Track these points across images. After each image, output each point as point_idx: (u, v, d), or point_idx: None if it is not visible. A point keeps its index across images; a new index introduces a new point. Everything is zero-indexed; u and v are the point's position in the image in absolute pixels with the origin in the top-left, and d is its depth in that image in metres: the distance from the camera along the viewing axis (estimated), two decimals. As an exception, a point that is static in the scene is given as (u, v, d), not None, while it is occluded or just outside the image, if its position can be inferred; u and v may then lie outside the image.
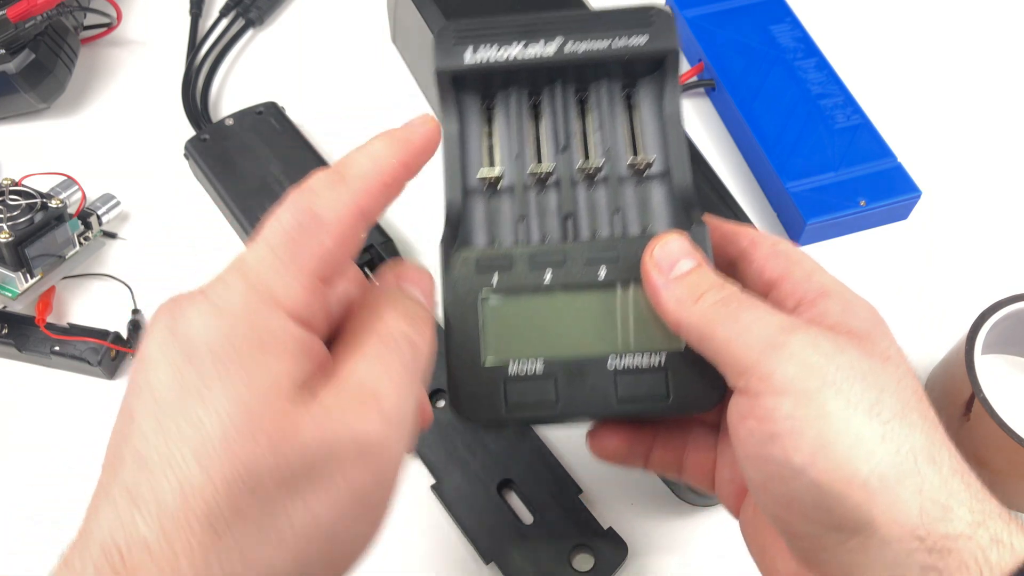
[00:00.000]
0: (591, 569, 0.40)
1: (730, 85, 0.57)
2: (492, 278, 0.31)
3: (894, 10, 0.64)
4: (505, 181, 0.33)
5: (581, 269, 0.30)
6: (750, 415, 0.25)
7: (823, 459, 0.24)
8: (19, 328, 0.48)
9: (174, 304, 0.23)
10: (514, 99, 0.33)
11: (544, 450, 0.44)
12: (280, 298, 0.23)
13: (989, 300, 0.43)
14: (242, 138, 0.54)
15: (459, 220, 0.32)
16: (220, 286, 0.23)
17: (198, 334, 0.22)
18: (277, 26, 0.65)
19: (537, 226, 0.32)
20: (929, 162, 0.55)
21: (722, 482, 0.31)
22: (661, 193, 0.32)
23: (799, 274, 0.29)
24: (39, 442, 0.46)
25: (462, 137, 0.33)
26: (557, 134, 0.33)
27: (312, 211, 0.24)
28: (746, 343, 0.25)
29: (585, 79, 0.33)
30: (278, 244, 0.23)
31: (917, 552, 0.23)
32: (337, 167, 0.25)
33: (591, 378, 0.30)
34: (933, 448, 0.24)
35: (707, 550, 0.42)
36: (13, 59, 0.54)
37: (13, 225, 0.46)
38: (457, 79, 0.32)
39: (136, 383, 0.22)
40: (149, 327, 0.23)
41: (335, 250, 0.24)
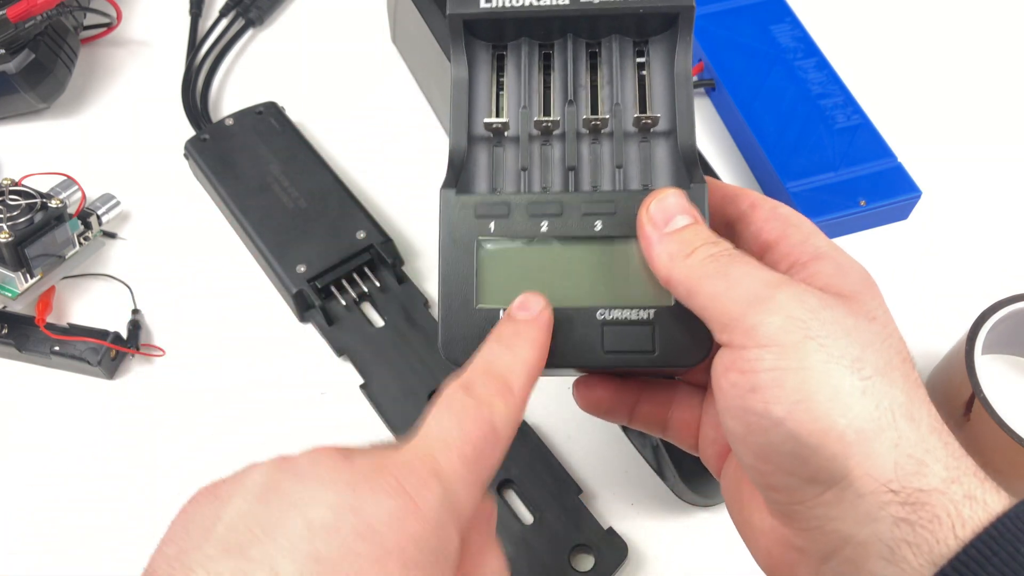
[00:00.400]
0: (591, 569, 0.40)
1: (730, 85, 0.57)
2: (489, 224, 0.31)
3: (894, 10, 0.64)
4: (510, 130, 0.33)
5: (577, 221, 0.30)
6: (733, 367, 0.25)
7: (802, 411, 0.24)
8: (19, 328, 0.48)
9: (359, 480, 0.23)
10: (525, 49, 0.33)
11: (544, 450, 0.44)
12: (462, 514, 0.24)
13: (989, 300, 0.43)
14: (242, 138, 0.54)
15: (462, 165, 0.32)
16: (415, 481, 0.23)
17: (388, 527, 0.22)
18: (277, 26, 0.65)
19: (539, 177, 0.32)
20: (929, 162, 0.55)
21: (705, 441, 0.31)
22: (664, 150, 0.32)
23: (796, 237, 0.29)
24: (39, 442, 0.46)
25: (471, 83, 0.33)
26: (566, 86, 0.33)
27: (494, 426, 0.25)
28: (732, 297, 0.26)
29: (597, 32, 0.33)
30: (471, 458, 0.24)
31: (890, 504, 0.23)
32: (500, 373, 0.26)
33: (579, 328, 0.30)
34: (912, 406, 0.24)
35: (707, 550, 0.42)
36: (13, 59, 0.54)
37: (13, 225, 0.46)
38: (469, 24, 0.32)
39: (292, 538, 0.21)
40: (314, 490, 0.22)
41: (499, 464, 0.25)
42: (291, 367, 0.48)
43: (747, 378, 0.25)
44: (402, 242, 0.52)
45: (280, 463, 0.24)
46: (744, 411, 0.25)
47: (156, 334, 0.50)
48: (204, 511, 0.23)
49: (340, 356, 0.48)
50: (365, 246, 0.49)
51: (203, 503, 0.24)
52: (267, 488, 0.23)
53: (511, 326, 0.28)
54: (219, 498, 0.23)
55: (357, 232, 0.50)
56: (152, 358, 0.49)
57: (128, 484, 0.44)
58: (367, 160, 0.57)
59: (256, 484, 0.23)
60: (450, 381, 0.26)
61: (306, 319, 0.50)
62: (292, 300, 0.49)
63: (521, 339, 0.27)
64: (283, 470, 0.23)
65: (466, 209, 0.31)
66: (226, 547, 0.21)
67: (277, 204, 0.51)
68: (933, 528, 0.23)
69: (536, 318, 0.28)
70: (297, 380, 0.48)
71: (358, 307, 0.49)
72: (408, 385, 0.46)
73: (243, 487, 0.23)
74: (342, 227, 0.50)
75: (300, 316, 0.49)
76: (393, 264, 0.49)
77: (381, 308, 0.49)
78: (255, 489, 0.23)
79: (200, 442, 0.46)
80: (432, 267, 0.52)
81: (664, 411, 0.32)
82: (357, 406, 0.46)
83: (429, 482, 0.23)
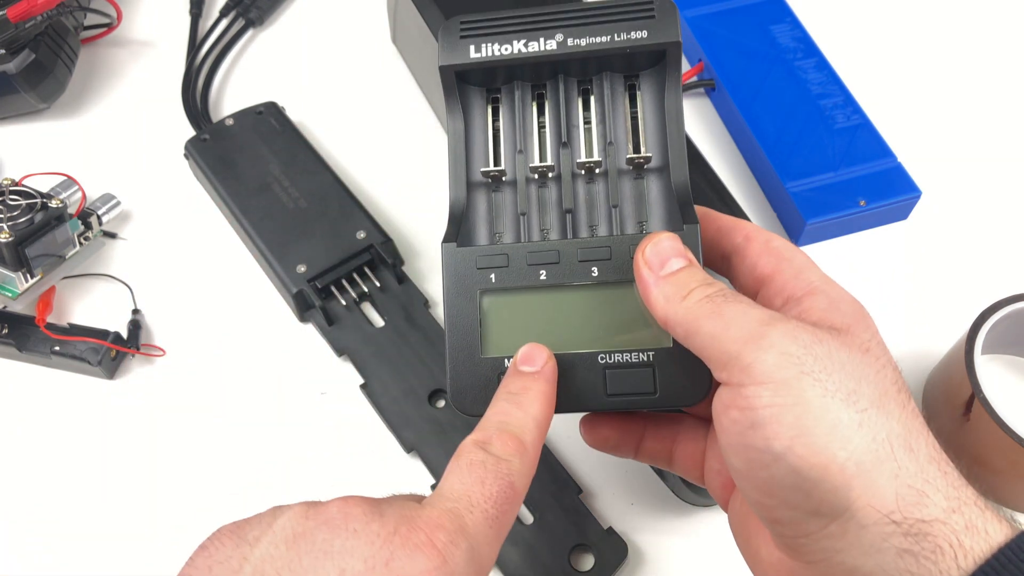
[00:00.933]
0: (591, 569, 0.40)
1: (730, 85, 0.57)
2: (490, 275, 0.31)
3: (894, 10, 0.64)
4: (507, 176, 0.33)
5: (575, 268, 0.31)
6: (732, 405, 0.26)
7: (801, 445, 0.24)
8: (19, 328, 0.48)
9: (390, 534, 0.24)
10: (518, 92, 0.34)
11: (544, 450, 0.44)
12: (484, 569, 0.25)
13: (989, 300, 0.43)
14: (242, 138, 0.54)
15: (461, 217, 0.33)
16: (444, 538, 0.24)
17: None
18: (277, 26, 0.65)
19: (537, 220, 0.33)
20: (929, 162, 0.55)
21: (711, 473, 0.32)
22: (658, 187, 0.33)
23: (789, 272, 0.29)
24: (39, 442, 0.46)
25: (467, 130, 0.34)
26: (559, 127, 0.33)
27: (511, 483, 0.26)
28: (729, 336, 0.26)
29: (588, 71, 0.34)
30: (493, 516, 0.25)
31: (893, 536, 0.24)
32: (513, 431, 0.28)
33: (582, 372, 0.31)
34: (910, 436, 0.25)
35: (707, 550, 0.42)
36: (13, 59, 0.54)
37: (13, 225, 0.46)
38: (461, 75, 0.33)
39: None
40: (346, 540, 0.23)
41: (513, 521, 0.27)
42: (291, 367, 0.48)
43: (746, 415, 0.25)
44: (402, 242, 0.52)
45: (309, 511, 0.24)
46: (745, 447, 0.25)
47: (156, 334, 0.50)
48: (228, 552, 0.24)
49: (340, 356, 0.48)
50: (365, 246, 0.49)
51: (227, 543, 0.24)
52: (298, 535, 0.23)
53: (519, 381, 0.29)
54: (245, 540, 0.24)
55: (357, 232, 0.50)
56: (152, 358, 0.49)
57: (128, 484, 0.44)
58: (367, 160, 0.57)
59: (285, 529, 0.24)
60: (468, 439, 0.27)
61: (306, 319, 0.50)
62: (292, 300, 0.49)
63: (530, 395, 0.28)
64: (313, 518, 0.24)
65: (467, 262, 0.32)
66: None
67: (277, 204, 0.51)
68: (936, 559, 0.23)
69: (541, 371, 0.29)
70: (297, 380, 0.48)
71: (358, 307, 0.49)
72: (408, 385, 0.46)
73: (271, 531, 0.24)
74: (342, 227, 0.50)
75: (300, 316, 0.49)
76: (393, 264, 0.49)
77: (381, 308, 0.49)
78: (284, 534, 0.24)
79: (200, 442, 0.46)
80: (432, 267, 0.52)
81: (669, 445, 0.33)
82: (357, 406, 0.46)
83: (457, 539, 0.24)
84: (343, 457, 0.45)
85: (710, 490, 0.32)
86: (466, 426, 0.44)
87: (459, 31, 0.33)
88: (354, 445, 0.45)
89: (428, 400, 0.46)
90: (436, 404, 0.46)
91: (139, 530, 0.43)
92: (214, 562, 0.24)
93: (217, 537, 0.25)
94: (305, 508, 0.24)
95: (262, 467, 0.45)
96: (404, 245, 0.52)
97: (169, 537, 0.43)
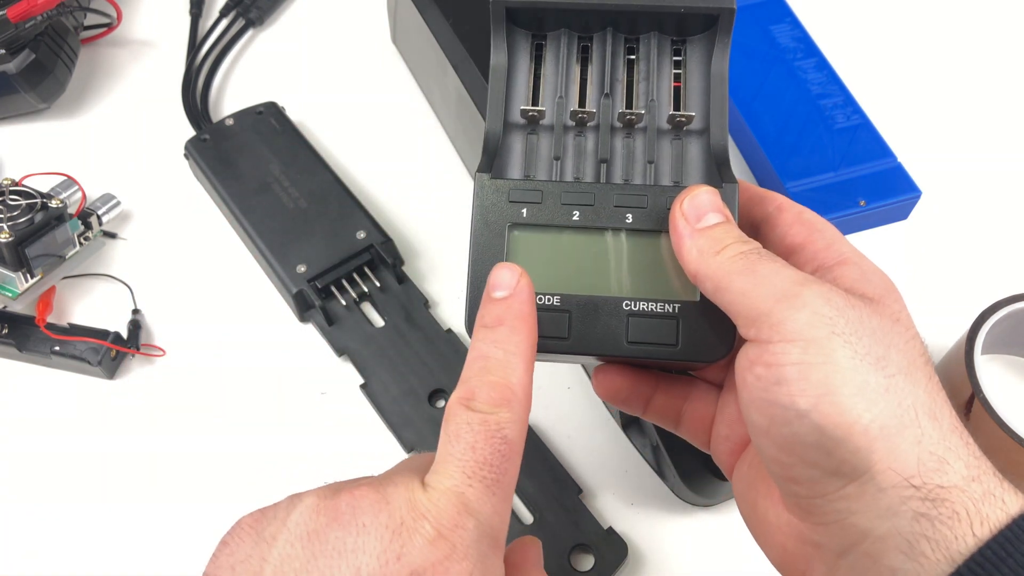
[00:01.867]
0: (591, 569, 0.40)
1: (730, 85, 0.56)
2: (522, 210, 0.31)
3: (894, 10, 0.64)
4: (546, 119, 0.33)
5: (609, 212, 0.31)
6: (759, 361, 0.26)
7: (827, 403, 0.24)
8: (19, 328, 0.48)
9: (398, 527, 0.24)
10: (564, 40, 0.33)
11: (544, 450, 0.44)
12: (499, 536, 0.25)
13: (989, 300, 0.43)
14: (242, 138, 0.54)
15: (496, 150, 0.32)
16: (450, 523, 0.24)
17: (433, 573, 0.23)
18: (277, 26, 0.65)
19: (572, 167, 0.32)
20: (929, 162, 0.55)
21: (718, 439, 0.32)
22: (697, 149, 0.32)
23: (820, 242, 0.30)
24: (39, 442, 0.46)
25: (509, 70, 0.33)
26: (603, 79, 0.33)
27: (504, 437, 0.25)
28: (760, 294, 0.26)
29: (637, 28, 0.33)
30: (492, 480, 0.25)
31: (911, 499, 0.24)
32: (497, 375, 0.26)
33: (604, 317, 0.30)
34: (935, 405, 0.25)
35: (707, 550, 0.42)
36: (13, 59, 0.54)
37: (13, 225, 0.46)
38: (511, 12, 0.33)
39: None
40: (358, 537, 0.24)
41: (519, 468, 0.26)
42: (291, 367, 0.48)
43: (772, 371, 0.25)
44: (402, 242, 0.52)
45: (321, 504, 0.24)
46: (769, 403, 0.25)
47: (156, 334, 0.50)
48: (248, 550, 0.24)
49: (340, 356, 0.48)
50: (365, 246, 0.49)
51: (246, 540, 0.25)
52: (311, 533, 0.24)
53: (492, 310, 0.28)
54: (263, 538, 0.24)
55: (357, 232, 0.50)
56: (152, 358, 0.49)
57: (128, 484, 0.44)
58: (367, 160, 0.57)
59: (299, 526, 0.24)
60: (452, 398, 0.26)
61: (306, 319, 0.50)
62: (292, 300, 0.49)
63: (506, 327, 0.27)
64: (324, 513, 0.24)
65: (500, 193, 0.31)
66: None
67: (277, 204, 0.51)
68: (952, 524, 0.23)
69: (514, 294, 0.28)
70: (297, 380, 0.48)
71: (358, 307, 0.49)
72: (408, 385, 0.46)
73: (287, 528, 0.24)
74: (342, 227, 0.50)
75: (300, 316, 0.49)
76: (393, 264, 0.49)
77: (381, 308, 0.49)
78: (299, 532, 0.24)
79: (200, 442, 0.46)
80: (432, 267, 0.52)
81: (679, 405, 0.33)
82: (357, 406, 0.46)
83: (462, 521, 0.24)
84: (343, 457, 0.45)
85: (715, 456, 0.32)
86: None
87: None
88: (354, 445, 0.45)
89: (428, 400, 0.46)
90: (436, 404, 0.46)
91: (139, 530, 0.43)
92: (236, 561, 0.24)
93: (237, 533, 0.25)
94: (317, 501, 0.25)
95: (262, 467, 0.45)
96: (404, 245, 0.52)
97: (169, 537, 0.43)
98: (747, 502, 0.30)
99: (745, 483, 0.30)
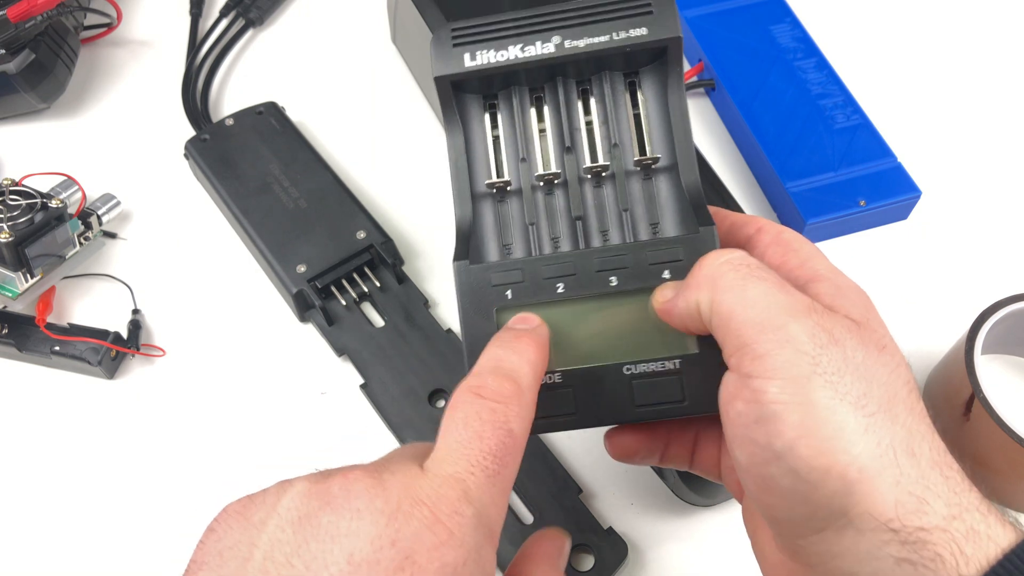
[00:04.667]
0: (591, 569, 0.40)
1: (730, 85, 0.57)
2: (506, 292, 0.31)
3: (894, 10, 0.64)
4: (512, 185, 0.33)
5: (592, 279, 0.30)
6: (739, 396, 0.25)
7: (804, 446, 0.24)
8: (19, 328, 0.48)
9: (394, 511, 0.23)
10: (516, 98, 0.33)
11: (544, 450, 0.44)
12: (494, 528, 0.24)
13: (989, 300, 0.43)
14: (242, 138, 0.54)
15: (469, 234, 0.32)
16: (448, 508, 0.23)
17: (427, 559, 0.22)
18: (277, 26, 0.65)
19: (547, 230, 0.32)
20: (929, 162, 0.55)
21: (727, 469, 0.32)
22: (668, 187, 0.32)
23: (795, 260, 0.29)
24: (39, 442, 0.46)
25: (467, 141, 0.33)
26: (562, 131, 0.33)
27: (510, 430, 0.25)
28: (747, 318, 0.25)
29: (586, 72, 0.33)
30: (494, 472, 0.24)
31: (890, 544, 0.23)
32: (508, 373, 0.26)
33: (608, 385, 0.30)
34: (913, 441, 0.24)
35: (707, 550, 0.42)
36: (13, 59, 0.54)
37: (13, 225, 0.46)
38: (457, 84, 0.32)
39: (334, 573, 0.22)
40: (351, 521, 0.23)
41: (519, 465, 0.25)
42: (291, 367, 0.48)
43: (752, 408, 0.25)
44: (402, 242, 0.52)
45: (312, 488, 0.24)
46: (748, 442, 0.25)
47: (156, 334, 0.50)
48: (237, 536, 0.23)
49: (340, 356, 0.48)
50: (365, 246, 0.49)
51: (234, 526, 0.24)
52: (303, 518, 0.23)
53: (512, 333, 0.28)
54: (252, 523, 0.24)
55: (357, 232, 0.50)
56: (152, 358, 0.49)
57: (128, 484, 0.44)
58: (367, 160, 0.57)
59: (290, 511, 0.23)
60: (462, 385, 0.26)
61: (306, 319, 0.50)
62: (292, 300, 0.49)
63: (523, 342, 0.27)
64: (316, 498, 0.23)
65: (482, 279, 0.31)
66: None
67: (277, 204, 0.51)
68: (936, 568, 0.23)
69: (535, 330, 0.28)
70: (297, 380, 0.48)
71: (358, 307, 0.49)
72: (408, 385, 0.46)
73: (277, 513, 0.23)
74: (342, 227, 0.50)
75: (300, 316, 0.49)
76: (393, 264, 0.49)
77: (381, 308, 0.49)
78: (290, 517, 0.23)
79: (200, 442, 0.46)
80: (432, 267, 0.52)
81: (691, 448, 0.33)
82: (357, 406, 0.46)
83: (461, 508, 0.23)
84: (343, 457, 0.45)
85: (727, 485, 0.32)
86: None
87: (451, 40, 0.32)
88: (354, 445, 0.45)
89: (428, 400, 0.46)
90: (436, 404, 0.46)
91: (139, 530, 0.43)
92: (223, 547, 0.23)
93: (224, 519, 0.24)
94: (308, 486, 0.24)
95: (262, 467, 0.45)
96: (404, 245, 0.52)
97: (169, 537, 0.43)
98: (751, 531, 0.30)
99: (750, 514, 0.30)
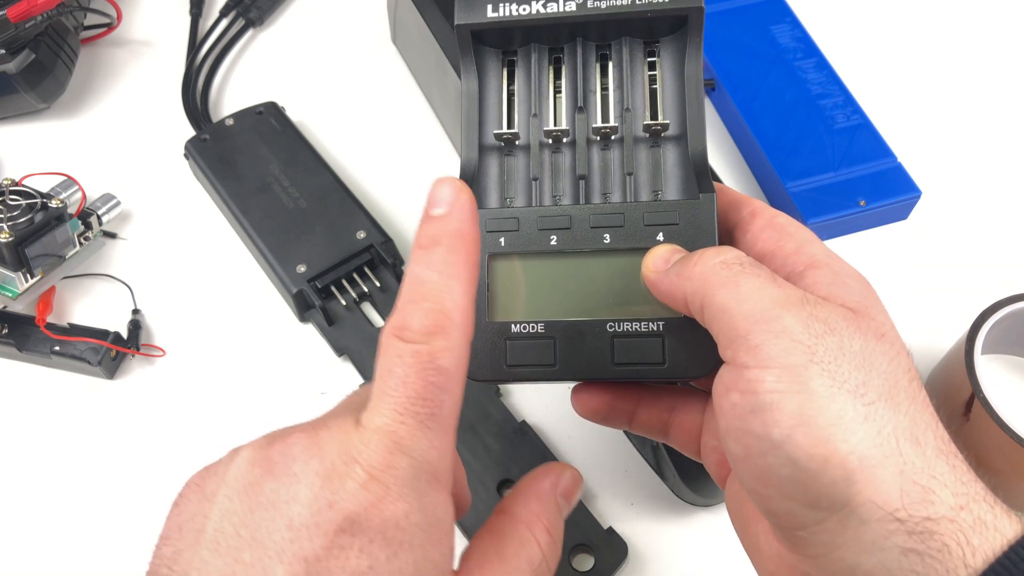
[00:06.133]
0: (591, 569, 0.40)
1: (730, 85, 0.57)
2: (500, 239, 0.31)
3: (894, 10, 0.64)
4: (521, 139, 0.33)
5: (586, 234, 0.31)
6: (734, 387, 0.25)
7: (801, 435, 0.23)
8: (19, 328, 0.48)
9: (329, 472, 0.22)
10: (535, 55, 0.33)
11: (544, 450, 0.44)
12: (439, 471, 0.23)
13: (989, 300, 0.43)
14: (242, 138, 0.54)
15: (473, 178, 0.32)
16: (381, 463, 0.22)
17: (367, 516, 0.22)
18: (277, 26, 0.65)
19: (550, 186, 0.32)
20: (929, 162, 0.55)
21: (707, 449, 0.31)
22: (675, 156, 0.32)
23: (790, 246, 0.28)
24: (39, 442, 0.46)
25: (481, 91, 0.33)
26: (575, 92, 0.33)
27: (438, 367, 0.23)
28: (741, 312, 0.25)
29: (607, 35, 0.33)
30: (426, 415, 0.23)
31: (896, 534, 0.23)
32: (431, 300, 0.24)
33: (589, 340, 0.30)
34: (917, 429, 0.24)
35: (707, 550, 0.42)
36: (13, 59, 0.54)
37: (13, 225, 0.46)
38: (477, 34, 0.32)
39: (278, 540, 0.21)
40: (290, 487, 0.22)
41: (460, 397, 0.24)
42: (291, 367, 0.48)
43: (747, 399, 0.25)
44: (402, 242, 0.52)
45: (256, 455, 0.23)
46: (744, 433, 0.25)
47: (156, 334, 0.50)
48: (193, 508, 0.23)
49: (340, 356, 0.48)
50: (365, 246, 0.49)
51: (192, 499, 0.24)
52: (247, 486, 0.23)
53: (428, 229, 0.25)
54: (205, 495, 0.23)
55: (357, 232, 0.50)
56: (152, 358, 0.49)
57: (128, 484, 0.44)
58: (367, 160, 0.57)
59: (237, 480, 0.23)
60: (385, 328, 0.24)
61: (306, 319, 0.50)
62: (292, 300, 0.49)
63: (442, 248, 0.25)
64: (259, 464, 0.23)
65: None
66: (218, 550, 0.22)
67: (277, 204, 0.51)
68: (943, 558, 0.22)
69: (452, 211, 0.25)
70: (297, 380, 0.48)
71: (358, 307, 0.49)
72: (408, 385, 0.46)
73: (226, 483, 0.23)
74: (342, 227, 0.50)
75: (300, 316, 0.49)
76: (393, 264, 0.49)
77: (381, 308, 0.49)
78: (236, 487, 0.23)
79: (201, 442, 0.46)
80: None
81: (666, 416, 0.32)
82: (357, 406, 0.46)
83: (395, 460, 0.22)
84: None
85: (706, 466, 0.31)
86: (465, 421, 0.44)
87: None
88: (354, 445, 0.45)
89: None
90: (436, 404, 0.45)
91: (138, 530, 0.43)
92: (183, 521, 0.23)
93: (184, 492, 0.24)
94: (252, 453, 0.23)
95: (262, 467, 0.45)
96: (404, 245, 0.52)
97: (169, 537, 0.43)
98: (740, 522, 0.29)
99: (737, 502, 0.30)
